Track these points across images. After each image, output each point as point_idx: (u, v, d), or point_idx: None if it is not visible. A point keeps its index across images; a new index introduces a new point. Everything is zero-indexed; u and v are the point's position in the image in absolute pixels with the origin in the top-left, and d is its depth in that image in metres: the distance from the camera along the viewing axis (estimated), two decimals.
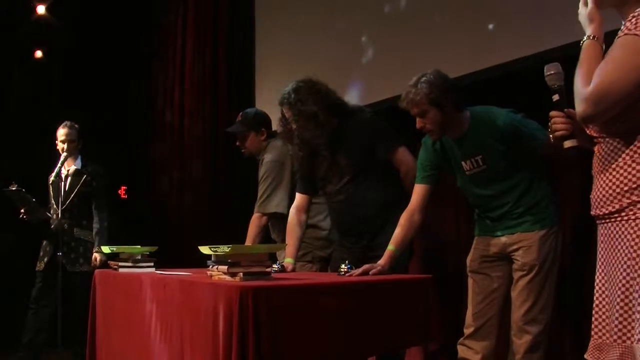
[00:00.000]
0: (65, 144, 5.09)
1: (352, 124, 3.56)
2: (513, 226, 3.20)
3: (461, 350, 3.34)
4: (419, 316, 2.75)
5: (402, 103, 3.16)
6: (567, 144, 2.20)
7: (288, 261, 3.53)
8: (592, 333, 2.17)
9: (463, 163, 3.24)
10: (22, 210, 5.02)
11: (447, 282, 4.06)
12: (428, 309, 2.77)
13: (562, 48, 3.49)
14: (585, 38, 2.14)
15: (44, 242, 5.12)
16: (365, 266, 3.01)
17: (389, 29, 4.85)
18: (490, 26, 4.07)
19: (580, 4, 2.19)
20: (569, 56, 2.33)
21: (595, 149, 2.16)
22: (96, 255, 5.01)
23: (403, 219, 3.25)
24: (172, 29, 7.63)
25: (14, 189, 4.87)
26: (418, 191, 3.29)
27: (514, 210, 3.20)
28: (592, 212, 2.18)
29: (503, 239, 3.24)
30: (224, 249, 2.55)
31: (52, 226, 5.06)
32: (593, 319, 2.17)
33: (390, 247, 3.17)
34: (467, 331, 3.33)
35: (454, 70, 3.61)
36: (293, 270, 3.52)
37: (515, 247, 3.19)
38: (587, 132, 2.17)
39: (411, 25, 4.64)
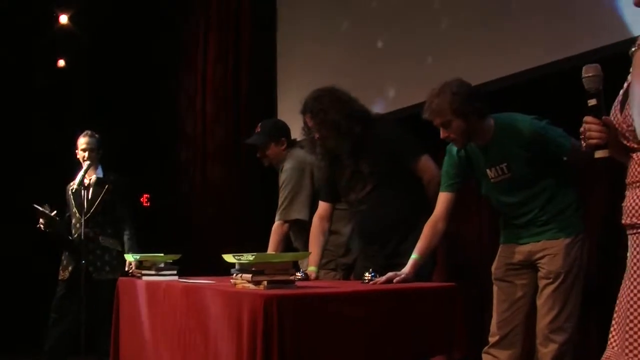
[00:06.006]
0: (86, 153, 5.08)
1: (375, 132, 3.55)
2: (538, 234, 3.18)
3: (486, 359, 3.32)
4: (443, 324, 2.73)
5: (425, 114, 3.14)
6: (599, 154, 2.05)
7: (311, 269, 3.53)
8: (608, 343, 2.11)
9: (488, 170, 3.22)
10: (41, 221, 4.98)
11: (471, 290, 4.04)
12: (452, 317, 2.74)
13: (585, 54, 3.46)
14: (636, 47, 2.03)
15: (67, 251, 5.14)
16: (390, 274, 2.99)
17: (409, 38, 4.84)
18: (513, 32, 4.04)
19: None
20: (597, 60, 2.25)
21: (634, 155, 2.04)
22: (130, 261, 5.02)
23: (427, 227, 3.23)
24: (195, 36, 7.67)
25: (45, 211, 4.87)
26: (442, 199, 3.27)
27: (539, 218, 3.17)
28: (623, 221, 2.10)
29: (528, 247, 3.21)
30: (248, 257, 2.54)
31: (75, 235, 5.08)
32: (612, 328, 2.11)
33: (414, 255, 3.15)
34: (492, 340, 3.30)
35: (476, 78, 3.59)
36: (316, 278, 3.52)
37: (540, 255, 3.16)
38: (625, 143, 2.05)
39: (432, 33, 4.62)
